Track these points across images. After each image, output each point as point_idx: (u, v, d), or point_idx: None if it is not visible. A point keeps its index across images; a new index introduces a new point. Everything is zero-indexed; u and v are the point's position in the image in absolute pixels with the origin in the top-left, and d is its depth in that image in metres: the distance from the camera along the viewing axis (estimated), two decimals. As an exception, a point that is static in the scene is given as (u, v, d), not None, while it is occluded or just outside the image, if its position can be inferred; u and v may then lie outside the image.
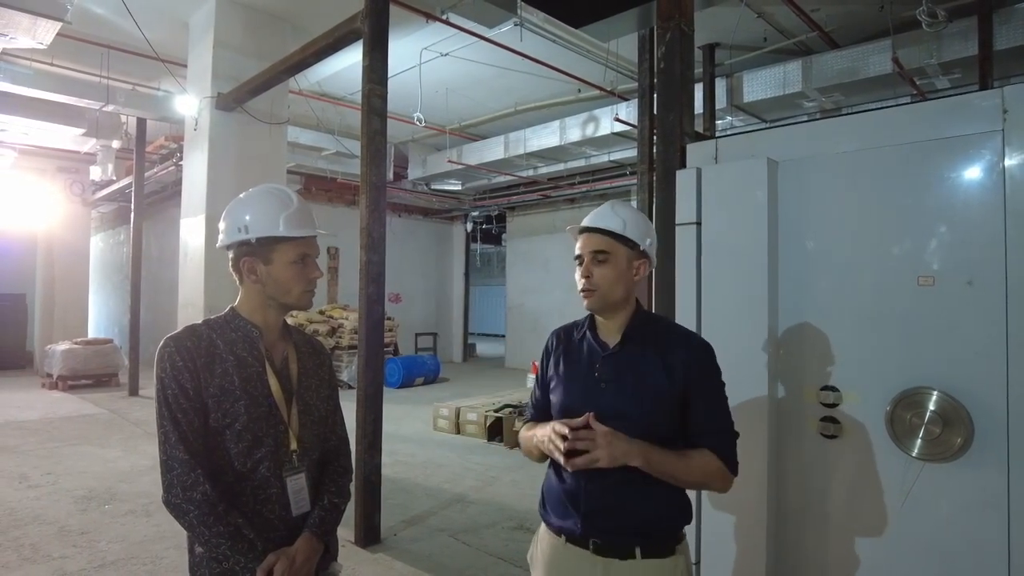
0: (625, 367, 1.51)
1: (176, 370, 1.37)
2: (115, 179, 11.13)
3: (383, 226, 4.12)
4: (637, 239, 1.51)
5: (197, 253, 6.30)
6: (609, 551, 1.45)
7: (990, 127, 1.88)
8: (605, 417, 1.45)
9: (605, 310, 1.55)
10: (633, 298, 1.56)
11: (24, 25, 5.30)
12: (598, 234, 1.52)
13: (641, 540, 1.45)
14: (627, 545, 1.45)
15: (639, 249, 1.52)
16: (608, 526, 1.45)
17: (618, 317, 1.55)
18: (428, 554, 3.89)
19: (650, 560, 1.45)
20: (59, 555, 3.76)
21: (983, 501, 1.85)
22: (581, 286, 1.53)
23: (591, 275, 1.51)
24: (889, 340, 2.04)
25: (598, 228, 1.52)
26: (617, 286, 1.51)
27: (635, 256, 1.53)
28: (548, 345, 1.69)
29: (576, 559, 1.49)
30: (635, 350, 1.52)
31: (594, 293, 1.51)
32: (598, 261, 1.51)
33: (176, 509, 1.33)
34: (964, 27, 5.69)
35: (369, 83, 4.07)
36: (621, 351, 1.53)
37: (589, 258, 1.52)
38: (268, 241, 1.43)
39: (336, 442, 1.63)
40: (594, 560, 1.46)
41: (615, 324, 1.55)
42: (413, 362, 11.73)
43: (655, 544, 1.46)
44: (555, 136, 9.68)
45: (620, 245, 1.51)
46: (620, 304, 1.53)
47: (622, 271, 1.51)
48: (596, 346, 1.57)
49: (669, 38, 2.79)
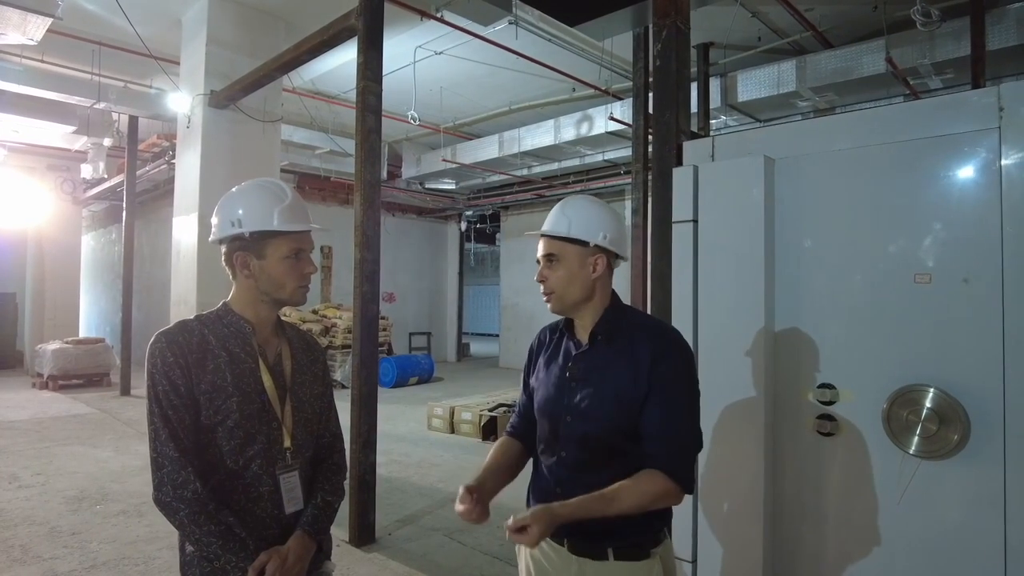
0: (592, 366, 1.50)
1: (167, 366, 1.35)
2: (107, 177, 11.05)
3: (378, 224, 4.10)
4: (585, 237, 1.49)
5: (190, 251, 6.26)
6: (583, 551, 1.46)
7: (986, 125, 1.89)
8: (573, 415, 1.48)
9: (568, 310, 1.55)
10: (604, 294, 1.54)
11: (14, 21, 5.24)
12: (547, 238, 1.52)
13: (614, 542, 1.44)
14: (599, 546, 1.45)
15: (592, 246, 1.50)
16: (581, 526, 1.42)
17: (587, 315, 1.54)
18: (423, 553, 3.87)
19: (623, 563, 1.44)
20: (50, 556, 3.72)
21: (980, 498, 1.86)
22: (541, 291, 1.53)
23: (546, 279, 1.52)
24: (885, 337, 2.04)
25: (545, 232, 1.52)
26: (572, 287, 1.50)
27: (588, 253, 1.49)
28: (532, 345, 1.71)
29: (555, 555, 1.51)
30: (603, 348, 1.51)
31: (551, 296, 1.51)
32: (550, 264, 1.51)
33: (166, 507, 1.31)
34: (957, 27, 5.71)
35: (364, 80, 4.05)
36: (590, 350, 1.53)
37: (543, 262, 1.53)
38: (261, 235, 1.41)
39: (330, 439, 1.61)
40: (569, 558, 1.47)
41: (586, 322, 1.55)
42: (407, 361, 11.70)
43: (628, 547, 1.45)
44: (549, 135, 9.66)
45: (568, 245, 1.49)
46: (582, 303, 1.52)
47: (574, 271, 1.49)
48: (571, 345, 1.57)
49: (665, 36, 2.79)
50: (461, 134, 11.24)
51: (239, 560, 1.33)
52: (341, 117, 10.05)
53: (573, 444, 1.49)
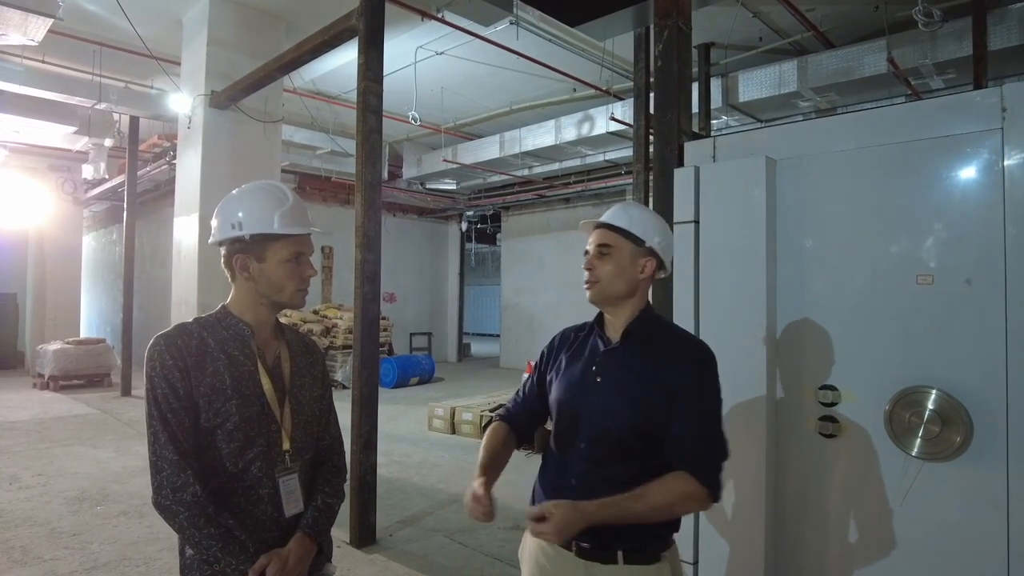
0: (620, 364, 1.52)
1: (166, 369, 1.35)
2: (107, 178, 11.06)
3: (379, 225, 4.10)
4: (642, 235, 1.52)
5: (191, 252, 6.26)
6: (591, 555, 1.45)
7: (989, 125, 1.88)
8: (595, 412, 1.48)
9: (606, 303, 1.56)
10: (641, 297, 1.57)
11: (15, 21, 5.24)
12: (604, 229, 1.56)
13: (624, 546, 1.44)
14: (609, 549, 1.44)
15: (645, 246, 1.53)
16: (591, 532, 1.42)
17: (622, 314, 1.56)
18: (424, 554, 3.86)
19: (633, 566, 1.44)
20: (50, 557, 3.72)
21: (982, 500, 1.85)
22: (584, 278, 1.56)
23: (594, 268, 1.54)
24: (888, 339, 2.03)
25: (604, 223, 1.56)
26: (618, 280, 1.52)
27: (640, 253, 1.53)
28: (554, 340, 1.71)
29: (560, 560, 1.50)
30: (634, 348, 1.53)
31: (595, 285, 1.54)
32: (601, 254, 1.54)
33: (166, 511, 1.31)
34: (959, 27, 5.69)
35: (365, 80, 4.04)
36: (620, 347, 1.54)
37: (594, 251, 1.55)
38: (262, 238, 1.41)
39: (329, 442, 1.61)
40: (576, 562, 1.47)
41: (619, 321, 1.56)
42: (408, 362, 11.70)
43: (639, 551, 1.45)
44: (550, 135, 9.65)
45: (624, 240, 1.53)
46: (622, 299, 1.54)
47: (624, 266, 1.52)
48: (600, 342, 1.58)
49: (667, 36, 2.78)
50: (462, 134, 11.23)
51: (239, 563, 1.32)
52: (342, 117, 10.05)
53: (593, 438, 1.49)
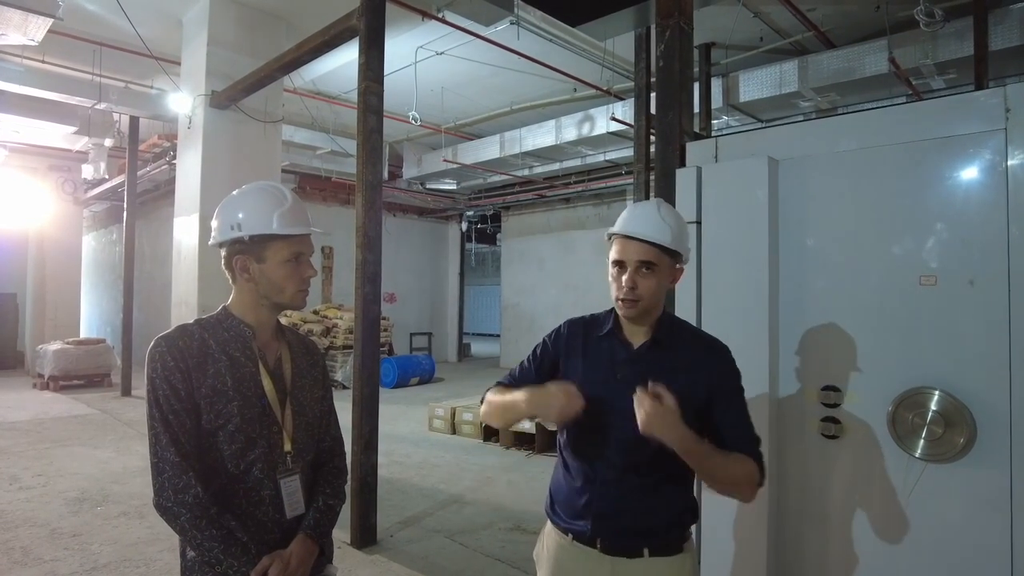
0: (649, 370, 1.45)
1: (167, 370, 1.34)
2: (107, 178, 11.05)
3: (379, 225, 4.09)
4: (682, 250, 1.48)
5: (191, 252, 6.25)
6: (617, 550, 1.46)
7: (992, 126, 1.87)
8: (625, 419, 1.40)
9: (642, 319, 1.50)
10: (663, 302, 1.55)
11: (15, 21, 5.24)
12: (646, 244, 1.44)
13: (650, 540, 1.45)
14: (635, 545, 1.45)
15: (681, 258, 1.50)
16: (617, 527, 1.45)
17: (647, 321, 1.52)
18: (424, 555, 3.86)
19: (658, 558, 1.45)
20: (51, 558, 3.71)
21: (986, 501, 1.84)
22: (623, 295, 1.45)
23: (636, 286, 1.44)
24: (891, 340, 2.02)
25: (650, 239, 1.44)
26: (659, 296, 1.47)
27: (675, 263, 1.49)
28: (561, 331, 1.62)
29: (583, 557, 1.49)
30: (661, 353, 1.50)
31: (637, 304, 1.45)
32: (644, 273, 1.44)
33: (167, 512, 1.30)
34: (960, 27, 5.69)
35: (365, 80, 4.04)
36: (647, 353, 1.50)
37: (634, 267, 1.44)
38: (261, 239, 1.40)
39: (330, 443, 1.60)
40: (601, 558, 1.47)
41: (643, 327, 1.52)
42: (408, 362, 11.70)
43: (663, 543, 1.47)
44: (551, 135, 9.65)
45: (666, 256, 1.45)
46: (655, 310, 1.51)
47: (664, 282, 1.48)
48: (618, 347, 1.53)
49: (668, 36, 2.78)
50: (462, 134, 11.23)
51: (241, 564, 1.32)
52: (342, 117, 10.04)
53: (622, 446, 1.45)
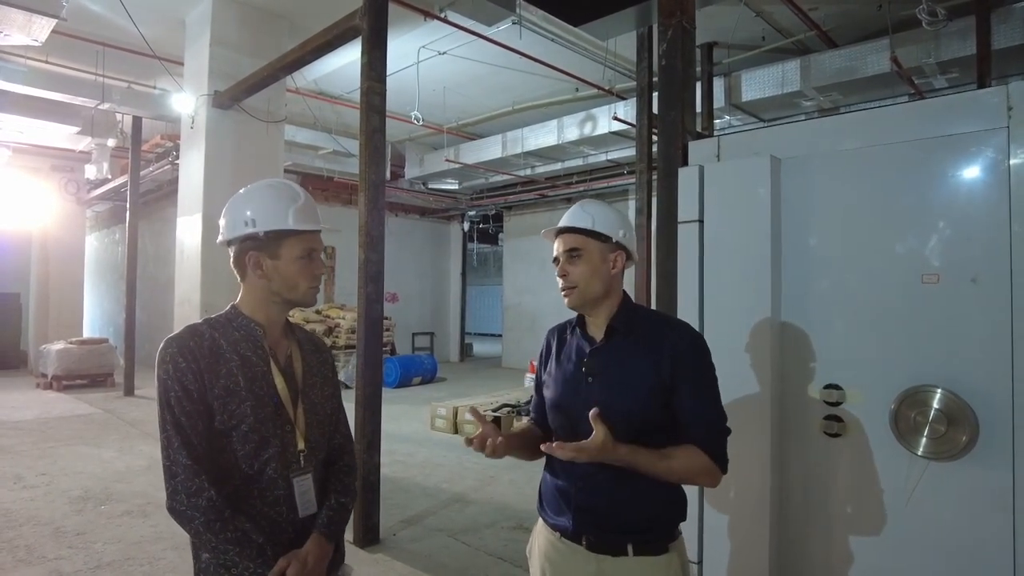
0: (610, 360, 1.52)
1: (179, 372, 1.33)
2: (110, 178, 11.07)
3: (382, 224, 4.10)
4: (608, 232, 1.53)
5: (194, 251, 6.27)
6: (601, 548, 1.47)
7: (995, 124, 1.87)
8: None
9: (586, 306, 1.57)
10: (617, 292, 1.58)
11: (19, 22, 5.25)
12: (570, 233, 1.55)
13: (633, 538, 1.46)
14: (619, 542, 1.46)
15: (612, 242, 1.54)
16: (600, 523, 1.46)
17: (602, 312, 1.57)
18: (427, 554, 3.87)
19: (642, 558, 1.45)
20: (54, 556, 3.73)
21: (988, 500, 1.85)
22: (560, 285, 1.56)
23: (567, 273, 1.54)
24: (893, 338, 2.03)
25: (569, 227, 1.55)
26: (594, 281, 1.53)
27: (609, 249, 1.54)
28: (548, 342, 1.72)
29: (571, 554, 1.51)
30: (620, 342, 1.53)
31: (573, 290, 1.54)
32: (572, 259, 1.54)
33: (181, 516, 1.29)
34: (962, 26, 5.69)
35: (368, 80, 4.05)
36: (607, 344, 1.55)
37: (564, 258, 1.55)
38: (277, 235, 1.41)
39: (340, 440, 1.60)
40: (587, 556, 1.48)
41: (600, 319, 1.57)
42: (410, 362, 11.71)
43: (647, 542, 1.47)
44: (553, 135, 9.66)
45: (592, 240, 1.53)
46: (601, 299, 1.55)
47: (597, 266, 1.53)
48: (584, 342, 1.59)
49: (671, 35, 2.78)
50: (464, 134, 11.24)
51: (256, 566, 1.31)
52: (344, 117, 10.06)
53: None
